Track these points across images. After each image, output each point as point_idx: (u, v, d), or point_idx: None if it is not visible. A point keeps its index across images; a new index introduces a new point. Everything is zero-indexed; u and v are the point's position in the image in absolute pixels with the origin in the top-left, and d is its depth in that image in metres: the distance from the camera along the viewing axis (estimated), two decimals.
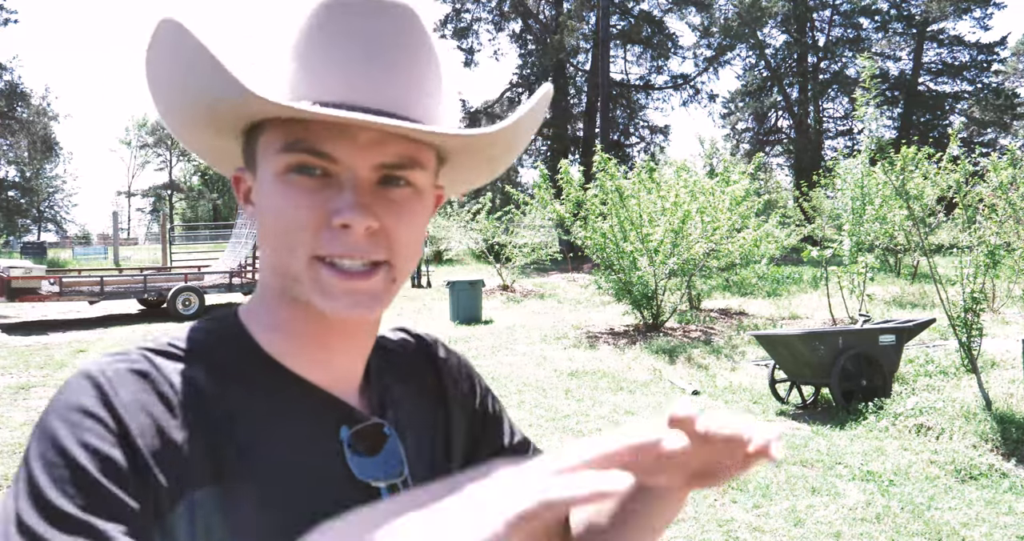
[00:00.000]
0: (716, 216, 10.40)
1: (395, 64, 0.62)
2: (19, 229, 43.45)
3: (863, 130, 8.22)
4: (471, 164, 0.72)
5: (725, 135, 40.08)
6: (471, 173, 0.75)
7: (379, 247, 0.61)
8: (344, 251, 0.59)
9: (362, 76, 0.61)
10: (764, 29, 35.09)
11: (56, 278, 11.68)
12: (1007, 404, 5.79)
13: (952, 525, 3.90)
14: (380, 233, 0.61)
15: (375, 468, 0.66)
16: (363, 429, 0.67)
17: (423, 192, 0.64)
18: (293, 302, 0.64)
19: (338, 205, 0.59)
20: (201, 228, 37.06)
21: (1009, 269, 10.17)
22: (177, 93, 0.62)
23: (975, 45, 35.17)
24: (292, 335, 0.66)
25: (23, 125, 37.97)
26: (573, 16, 29.94)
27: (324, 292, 0.60)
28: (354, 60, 0.61)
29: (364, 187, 0.60)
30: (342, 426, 0.65)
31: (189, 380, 0.60)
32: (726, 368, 8.27)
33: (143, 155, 64.42)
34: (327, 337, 0.66)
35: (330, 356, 0.67)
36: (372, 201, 0.60)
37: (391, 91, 0.62)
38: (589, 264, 15.81)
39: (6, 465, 4.79)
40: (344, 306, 0.60)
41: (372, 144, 0.60)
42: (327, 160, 0.59)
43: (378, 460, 0.66)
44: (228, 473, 0.58)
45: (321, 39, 0.61)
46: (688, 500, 3.02)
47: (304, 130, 0.59)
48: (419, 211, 0.64)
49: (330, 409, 0.66)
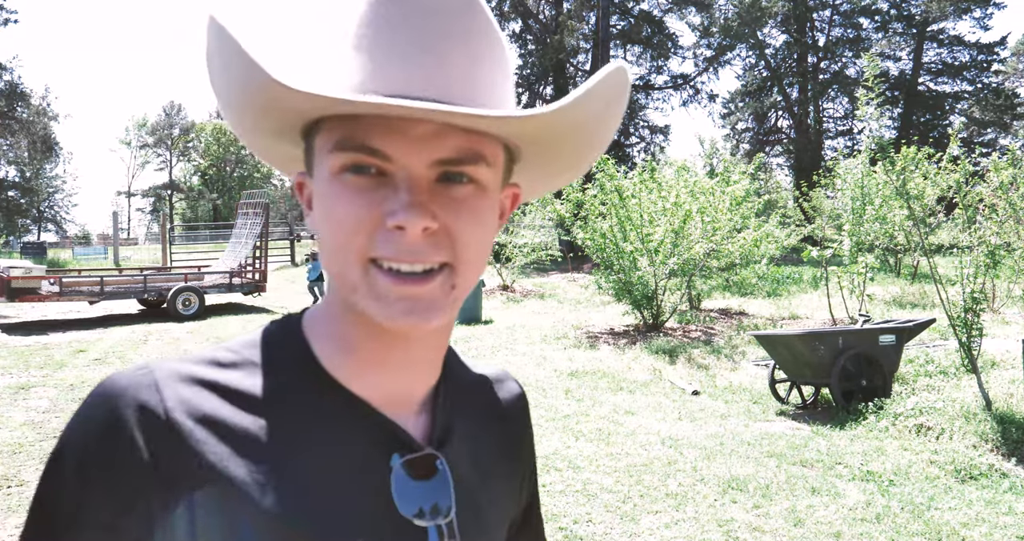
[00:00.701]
0: (716, 216, 10.40)
1: (456, 53, 0.57)
2: (19, 229, 43.43)
3: (863, 130, 8.21)
4: (547, 159, 0.65)
5: (725, 135, 40.04)
6: (549, 169, 0.68)
7: (439, 249, 0.56)
8: (399, 254, 0.55)
9: (423, 66, 0.56)
10: (764, 29, 35.06)
11: (56, 278, 11.68)
12: (1007, 404, 5.79)
13: (952, 525, 3.90)
14: (440, 234, 0.56)
15: (420, 502, 0.62)
16: (415, 460, 0.63)
17: (488, 190, 0.59)
18: (350, 313, 0.61)
19: (392, 206, 0.55)
20: (201, 228, 37.07)
21: (1009, 269, 10.18)
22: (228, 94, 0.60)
23: (975, 45, 35.15)
24: (348, 348, 0.63)
25: (23, 125, 37.96)
26: (573, 16, 29.93)
27: (378, 298, 0.56)
28: (414, 49, 0.56)
29: (421, 185, 0.56)
30: (393, 454, 0.62)
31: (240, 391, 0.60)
32: (726, 368, 8.27)
33: (143, 155, 64.45)
34: (384, 352, 0.62)
35: (386, 372, 0.63)
36: (430, 200, 0.56)
37: (452, 81, 0.57)
38: (589, 264, 15.81)
39: (6, 465, 4.79)
40: (398, 312, 0.56)
41: (427, 138, 0.55)
42: (380, 157, 0.55)
43: (425, 495, 0.62)
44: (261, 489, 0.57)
45: (379, 27, 0.57)
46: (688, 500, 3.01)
47: (354, 126, 0.55)
48: (484, 210, 0.59)
49: (381, 432, 0.62)
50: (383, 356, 0.62)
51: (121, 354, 8.74)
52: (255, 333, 0.66)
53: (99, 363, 8.20)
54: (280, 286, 15.61)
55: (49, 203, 54.47)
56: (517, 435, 0.76)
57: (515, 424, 0.76)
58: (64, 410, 6.12)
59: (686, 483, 4.55)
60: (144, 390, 0.57)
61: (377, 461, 0.61)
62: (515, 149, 0.63)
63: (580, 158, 0.66)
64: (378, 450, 0.62)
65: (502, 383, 0.78)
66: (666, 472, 4.76)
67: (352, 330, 0.62)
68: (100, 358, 8.48)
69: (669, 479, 4.62)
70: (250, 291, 13.19)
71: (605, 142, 0.64)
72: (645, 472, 4.75)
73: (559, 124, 0.58)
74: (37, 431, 5.55)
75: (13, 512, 4.04)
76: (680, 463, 4.94)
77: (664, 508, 4.14)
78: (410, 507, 0.61)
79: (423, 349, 0.64)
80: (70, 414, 4.85)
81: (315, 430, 0.60)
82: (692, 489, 4.44)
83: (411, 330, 0.59)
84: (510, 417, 0.76)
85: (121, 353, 8.81)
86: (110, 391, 0.57)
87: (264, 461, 0.57)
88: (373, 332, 0.61)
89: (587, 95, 0.56)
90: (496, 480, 0.71)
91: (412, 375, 0.65)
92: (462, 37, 0.57)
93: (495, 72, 0.60)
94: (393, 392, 0.64)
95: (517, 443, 0.76)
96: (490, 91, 0.59)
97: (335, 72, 0.59)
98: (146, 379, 0.57)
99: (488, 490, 0.69)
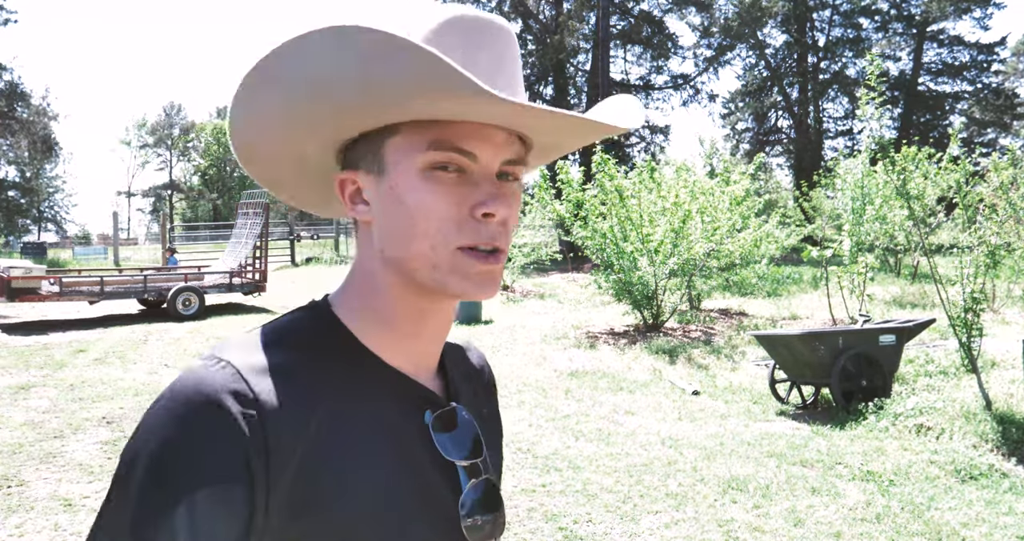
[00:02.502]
0: (716, 216, 10.40)
1: (516, 74, 0.71)
2: (19, 229, 43.41)
3: (863, 130, 8.22)
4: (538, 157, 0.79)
5: (725, 135, 40.02)
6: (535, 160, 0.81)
7: (502, 236, 0.68)
8: (485, 239, 0.67)
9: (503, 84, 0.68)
10: (764, 29, 35.06)
11: (56, 278, 11.67)
12: (1007, 404, 5.79)
13: (952, 525, 3.90)
14: (501, 223, 0.68)
15: (456, 448, 0.74)
16: (443, 413, 0.74)
17: (521, 185, 0.73)
18: (399, 290, 0.71)
19: (480, 197, 0.66)
20: (201, 228, 37.06)
21: (1009, 269, 10.17)
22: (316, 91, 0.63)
23: (975, 45, 35.15)
24: (386, 323, 0.72)
25: (23, 125, 37.90)
26: (573, 16, 29.91)
27: (464, 275, 0.67)
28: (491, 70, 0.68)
29: (496, 182, 0.68)
30: (426, 410, 0.73)
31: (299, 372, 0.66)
32: (726, 368, 8.27)
33: (143, 155, 64.45)
34: (419, 324, 0.73)
35: (417, 343, 0.74)
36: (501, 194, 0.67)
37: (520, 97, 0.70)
38: (589, 264, 15.79)
39: (6, 465, 4.78)
40: (478, 285, 0.67)
41: (504, 144, 0.68)
42: (470, 158, 0.66)
43: (456, 440, 0.74)
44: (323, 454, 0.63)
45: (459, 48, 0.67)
46: (688, 500, 3.01)
47: (448, 131, 0.65)
48: (520, 203, 0.72)
49: (415, 394, 0.73)
50: (419, 329, 0.73)
51: (121, 354, 8.73)
52: (283, 320, 0.72)
53: (99, 363, 8.20)
54: (280, 286, 15.61)
55: (49, 203, 54.46)
56: (492, 387, 0.92)
57: (488, 380, 0.92)
58: (64, 410, 6.12)
59: (686, 483, 4.55)
60: (232, 381, 0.61)
61: (415, 417, 0.72)
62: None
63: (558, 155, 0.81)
64: (413, 408, 0.72)
65: (471, 350, 0.94)
66: (666, 472, 4.75)
67: (392, 307, 0.72)
68: (100, 358, 8.48)
69: (669, 479, 4.62)
70: (250, 291, 13.18)
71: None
72: (645, 472, 4.75)
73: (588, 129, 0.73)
74: (37, 431, 5.54)
75: (13, 512, 4.04)
76: (680, 463, 4.94)
77: (664, 508, 4.14)
78: (453, 451, 0.73)
79: (446, 322, 0.76)
80: (70, 414, 4.81)
81: (366, 396, 0.69)
82: (692, 489, 4.44)
83: (486, 297, 0.70)
84: (484, 374, 0.92)
85: (121, 353, 8.80)
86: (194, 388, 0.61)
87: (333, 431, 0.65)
88: (413, 308, 0.72)
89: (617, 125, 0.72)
90: (490, 422, 0.85)
91: (435, 344, 0.77)
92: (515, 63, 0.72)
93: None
94: (420, 360, 0.75)
95: (493, 393, 0.92)
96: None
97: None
98: (229, 370, 0.62)
99: (489, 431, 0.82)
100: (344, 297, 0.74)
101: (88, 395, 6.65)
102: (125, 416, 5.95)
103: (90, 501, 4.20)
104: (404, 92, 0.61)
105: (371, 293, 0.72)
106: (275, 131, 0.69)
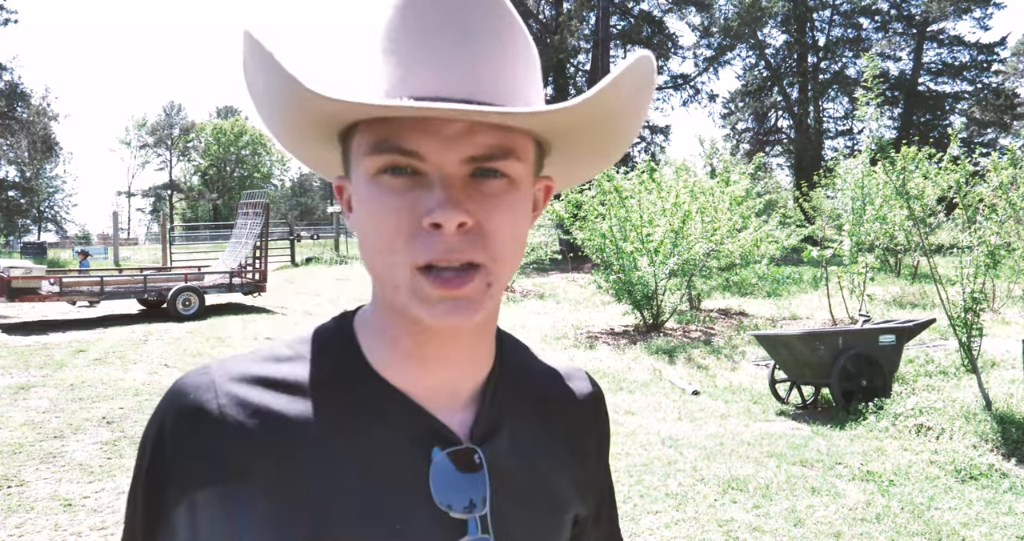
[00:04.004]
0: (716, 216, 10.40)
1: (485, 52, 0.58)
2: (19, 229, 43.42)
3: (863, 130, 8.22)
4: (577, 150, 0.67)
5: (725, 135, 40.04)
6: (581, 160, 0.70)
7: (475, 247, 0.57)
8: (439, 255, 0.56)
9: (453, 67, 0.58)
10: (764, 29, 35.08)
11: (56, 278, 11.67)
12: (1007, 404, 5.79)
13: (952, 525, 3.90)
14: (475, 231, 0.57)
15: (456, 495, 0.63)
16: (459, 452, 0.64)
17: (520, 183, 0.60)
18: (391, 309, 0.64)
19: (429, 204, 0.56)
20: (201, 228, 37.06)
21: (1009, 269, 10.18)
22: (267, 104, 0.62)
23: (975, 45, 35.17)
24: (392, 344, 0.65)
25: (23, 125, 37.92)
26: (573, 16, 29.92)
27: (422, 300, 0.57)
28: (444, 51, 0.58)
29: (454, 183, 0.57)
30: (434, 447, 0.64)
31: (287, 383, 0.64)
32: (726, 368, 8.27)
33: (143, 155, 64.47)
34: (421, 347, 0.64)
35: (425, 366, 0.65)
36: (465, 197, 0.57)
37: (481, 80, 0.58)
38: (589, 264, 15.80)
39: (6, 465, 4.78)
40: (441, 313, 0.57)
41: (459, 136, 0.56)
42: (415, 158, 0.57)
43: (462, 487, 0.64)
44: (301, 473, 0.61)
45: (409, 31, 0.59)
46: (688, 500, 3.01)
47: (388, 129, 0.57)
48: (517, 204, 0.60)
49: (419, 425, 0.64)
50: (421, 351, 0.64)
51: (121, 354, 8.73)
52: (310, 329, 0.70)
53: (99, 363, 8.20)
54: (280, 286, 15.60)
55: (49, 203, 54.48)
56: (581, 430, 0.76)
57: (580, 419, 0.76)
58: (64, 410, 6.12)
59: (686, 483, 4.55)
60: (202, 390, 0.62)
61: (415, 452, 0.63)
62: (545, 142, 0.64)
63: (611, 147, 0.67)
64: (416, 441, 0.63)
65: (571, 378, 0.78)
66: (666, 472, 4.75)
67: (392, 325, 0.65)
68: (100, 358, 8.47)
69: (669, 479, 4.62)
70: (250, 291, 13.17)
71: (634, 130, 0.66)
72: (645, 472, 4.75)
73: (587, 115, 0.59)
74: (37, 431, 5.54)
75: (13, 512, 4.04)
76: (680, 463, 4.94)
77: (664, 508, 4.14)
78: (452, 499, 0.63)
79: (460, 345, 0.65)
80: (70, 414, 4.85)
81: (353, 418, 0.63)
82: (692, 489, 4.44)
83: (453, 329, 0.62)
84: (574, 412, 0.76)
85: (121, 353, 8.80)
86: (175, 394, 0.64)
87: (305, 447, 0.61)
88: (411, 328, 0.63)
89: (613, 85, 0.57)
90: (551, 475, 0.71)
91: (452, 369, 0.66)
92: (489, 36, 0.59)
93: (522, 67, 0.62)
94: (435, 386, 0.66)
95: (580, 438, 0.76)
96: (518, 87, 0.61)
97: (369, 77, 0.61)
98: (204, 379, 0.63)
99: (542, 486, 0.69)
100: (366, 312, 0.69)
101: (88, 395, 6.65)
102: (125, 416, 5.94)
103: (90, 501, 4.20)
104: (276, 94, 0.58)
105: (376, 308, 0.67)
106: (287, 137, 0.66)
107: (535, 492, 0.69)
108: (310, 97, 0.54)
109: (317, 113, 0.58)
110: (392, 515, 0.61)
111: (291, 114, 0.60)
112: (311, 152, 0.68)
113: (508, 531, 0.65)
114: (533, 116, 0.55)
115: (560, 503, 0.71)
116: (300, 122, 0.61)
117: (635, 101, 0.61)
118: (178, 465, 0.61)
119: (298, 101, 0.56)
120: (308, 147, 0.67)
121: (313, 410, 0.63)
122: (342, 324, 0.69)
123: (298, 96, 0.55)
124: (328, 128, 0.62)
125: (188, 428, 0.61)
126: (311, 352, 0.67)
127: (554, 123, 0.59)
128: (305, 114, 0.59)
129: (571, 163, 0.70)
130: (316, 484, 0.60)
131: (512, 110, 0.54)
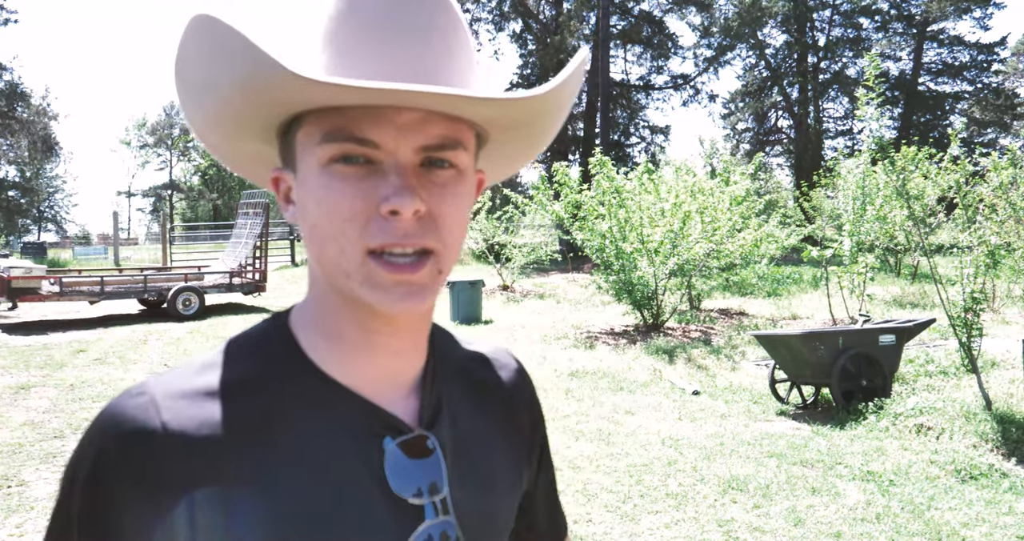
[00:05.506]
0: (716, 216, 10.39)
1: (432, 42, 0.60)
2: (19, 229, 43.42)
3: (863, 130, 8.23)
4: (512, 142, 0.69)
5: (725, 135, 40.06)
6: (512, 152, 0.72)
7: (427, 234, 0.59)
8: (394, 240, 0.57)
9: (396, 56, 0.58)
10: (764, 29, 35.05)
11: (56, 278, 11.67)
12: (1007, 404, 5.79)
13: (952, 525, 3.90)
14: (427, 218, 0.59)
15: (412, 482, 0.64)
16: (408, 441, 0.65)
17: (466, 174, 0.62)
18: (335, 300, 0.63)
19: (385, 192, 0.57)
20: (201, 228, 37.05)
21: (1009, 269, 10.18)
22: (209, 93, 0.60)
23: (975, 45, 35.14)
24: (335, 337, 0.65)
25: (23, 125, 37.89)
26: (573, 16, 29.91)
27: (374, 285, 0.58)
28: (387, 40, 0.58)
29: (408, 171, 0.58)
30: (386, 437, 0.64)
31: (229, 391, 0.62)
32: (726, 368, 8.27)
33: (143, 155, 64.41)
34: (370, 337, 0.64)
35: (374, 358, 0.65)
36: (418, 185, 0.58)
37: (436, 68, 0.59)
38: (589, 264, 15.80)
39: (6, 465, 4.79)
40: (395, 298, 0.59)
41: (413, 125, 0.58)
42: (369, 146, 0.57)
43: (417, 474, 0.64)
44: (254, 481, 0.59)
45: (350, 23, 0.59)
46: (688, 500, 3.01)
47: (342, 118, 0.57)
48: (463, 194, 0.62)
49: (368, 417, 0.64)
50: (368, 342, 0.64)
51: (121, 354, 8.73)
52: (247, 330, 0.68)
53: (99, 363, 8.20)
54: (280, 286, 15.61)
55: (49, 203, 54.50)
56: (516, 407, 0.78)
57: (513, 397, 0.78)
58: (64, 410, 6.12)
59: (686, 483, 4.55)
60: (141, 413, 0.59)
61: (367, 444, 0.63)
62: (483, 135, 0.66)
63: (542, 141, 0.70)
64: (367, 434, 0.63)
65: (497, 359, 0.80)
66: (666, 472, 4.75)
67: (336, 318, 0.64)
68: (100, 358, 8.48)
69: (669, 479, 4.62)
70: (250, 291, 13.17)
71: (559, 126, 0.68)
72: (645, 472, 4.75)
73: (538, 108, 0.61)
74: (37, 431, 5.55)
75: (13, 512, 4.04)
76: (680, 463, 4.94)
77: (664, 508, 4.14)
78: (408, 487, 0.63)
79: (407, 333, 0.66)
80: (70, 414, 4.84)
81: (300, 418, 0.62)
82: (692, 489, 4.44)
83: (404, 313, 0.62)
84: (506, 391, 0.78)
85: (121, 353, 8.80)
86: (112, 416, 0.60)
87: (256, 452, 0.60)
88: (358, 318, 0.63)
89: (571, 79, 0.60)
90: (495, 454, 0.73)
91: (397, 359, 0.67)
92: (439, 28, 0.60)
93: (466, 60, 0.63)
94: (380, 377, 0.66)
95: (516, 415, 0.78)
96: (465, 78, 0.62)
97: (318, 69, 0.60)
98: (142, 399, 0.60)
99: (486, 465, 0.71)
100: (301, 308, 0.68)
101: (88, 395, 6.66)
102: None
103: None
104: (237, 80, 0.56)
105: (316, 303, 0.66)
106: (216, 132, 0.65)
107: (482, 470, 0.70)
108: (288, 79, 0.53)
109: (273, 101, 0.58)
110: (350, 510, 0.61)
111: (234, 105, 0.59)
112: (241, 146, 0.67)
113: (464, 511, 0.66)
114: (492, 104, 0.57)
115: (505, 479, 0.73)
116: (243, 113, 0.60)
117: (573, 97, 0.64)
118: (125, 489, 0.57)
119: (268, 85, 0.55)
120: (240, 141, 0.66)
121: (259, 414, 0.61)
122: (277, 324, 0.68)
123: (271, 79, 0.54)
124: (272, 119, 0.61)
125: (133, 450, 0.58)
126: (250, 356, 0.65)
127: (505, 115, 0.61)
128: (258, 105, 0.59)
129: (499, 158, 0.72)
130: (270, 488, 0.59)
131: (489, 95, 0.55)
